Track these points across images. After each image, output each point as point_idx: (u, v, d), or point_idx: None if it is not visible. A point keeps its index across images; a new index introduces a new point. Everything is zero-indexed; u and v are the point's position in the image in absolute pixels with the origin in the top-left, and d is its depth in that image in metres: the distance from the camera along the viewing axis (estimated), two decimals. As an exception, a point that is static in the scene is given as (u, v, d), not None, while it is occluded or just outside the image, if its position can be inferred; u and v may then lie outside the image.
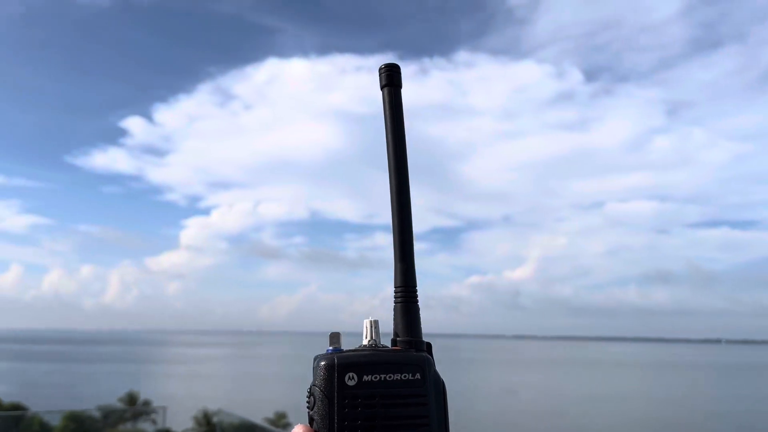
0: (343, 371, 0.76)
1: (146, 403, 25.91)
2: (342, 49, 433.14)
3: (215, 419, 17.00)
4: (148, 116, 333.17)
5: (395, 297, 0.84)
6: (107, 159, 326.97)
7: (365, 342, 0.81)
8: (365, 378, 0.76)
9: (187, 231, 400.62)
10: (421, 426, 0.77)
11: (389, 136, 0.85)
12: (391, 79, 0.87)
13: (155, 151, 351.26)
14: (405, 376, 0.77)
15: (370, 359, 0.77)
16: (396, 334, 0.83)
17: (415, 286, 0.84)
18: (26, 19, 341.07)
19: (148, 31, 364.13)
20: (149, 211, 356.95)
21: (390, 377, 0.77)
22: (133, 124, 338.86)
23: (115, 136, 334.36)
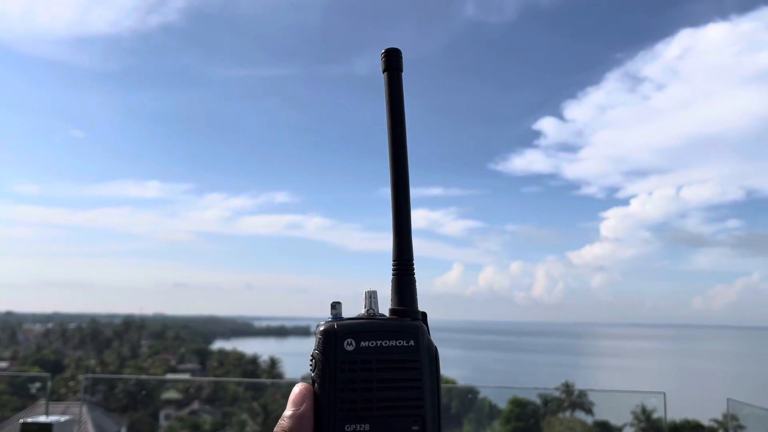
0: (343, 337, 0.81)
1: (582, 394, 26.69)
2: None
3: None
4: (558, 115, 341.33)
5: (393, 269, 0.89)
6: (524, 161, 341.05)
7: (363, 311, 0.86)
8: (362, 344, 0.81)
9: (606, 222, 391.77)
10: (415, 388, 0.82)
11: (388, 117, 0.90)
12: (390, 63, 0.90)
13: (569, 148, 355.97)
14: (400, 343, 0.83)
15: (366, 327, 0.83)
16: (392, 304, 0.88)
17: (410, 259, 0.89)
18: (449, 48, 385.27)
19: (553, 33, 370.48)
20: (568, 206, 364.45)
21: (386, 343, 0.82)
22: (546, 124, 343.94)
23: (530, 139, 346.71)
